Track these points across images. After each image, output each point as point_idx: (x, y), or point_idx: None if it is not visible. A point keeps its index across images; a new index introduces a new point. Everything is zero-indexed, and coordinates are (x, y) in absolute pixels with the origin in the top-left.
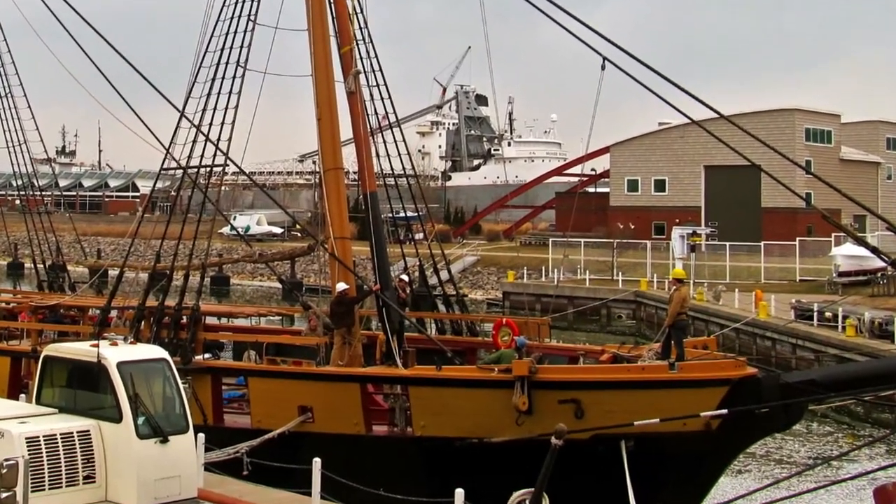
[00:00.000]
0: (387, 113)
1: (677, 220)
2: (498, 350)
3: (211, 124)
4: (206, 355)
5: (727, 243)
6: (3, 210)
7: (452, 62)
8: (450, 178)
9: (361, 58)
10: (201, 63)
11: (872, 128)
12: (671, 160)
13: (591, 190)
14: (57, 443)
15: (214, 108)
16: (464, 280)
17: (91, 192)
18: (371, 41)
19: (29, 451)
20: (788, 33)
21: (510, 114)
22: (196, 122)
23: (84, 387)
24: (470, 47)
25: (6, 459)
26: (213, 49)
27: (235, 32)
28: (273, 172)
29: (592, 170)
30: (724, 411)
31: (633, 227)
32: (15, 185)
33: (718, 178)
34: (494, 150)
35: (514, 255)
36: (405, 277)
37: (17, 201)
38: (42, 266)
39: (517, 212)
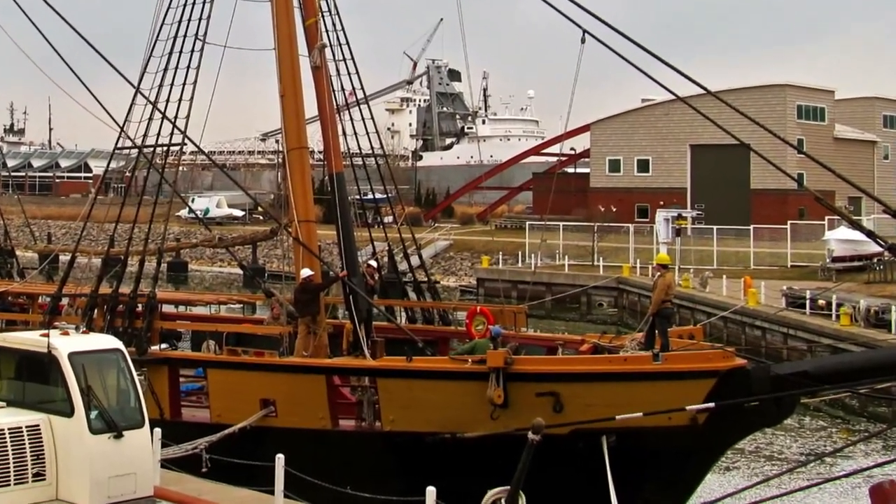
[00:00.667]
0: (354, 89)
1: (662, 203)
2: (472, 340)
3: (168, 101)
4: (163, 345)
5: (714, 227)
6: None
7: (424, 35)
8: (421, 157)
9: (327, 30)
10: (158, 36)
11: (868, 105)
12: (655, 139)
13: (571, 170)
14: (5, 438)
15: (172, 84)
16: (436, 266)
17: (41, 172)
18: (337, 12)
19: None
20: (780, 7)
21: (485, 90)
22: (152, 99)
23: (33, 379)
24: (442, 19)
25: None
26: (171, 21)
27: (194, 3)
28: (234, 152)
29: (572, 149)
30: (712, 405)
31: (614, 209)
32: None
33: (705, 158)
34: (468, 128)
35: (489, 240)
36: (374, 263)
37: None
38: None
39: (492, 193)
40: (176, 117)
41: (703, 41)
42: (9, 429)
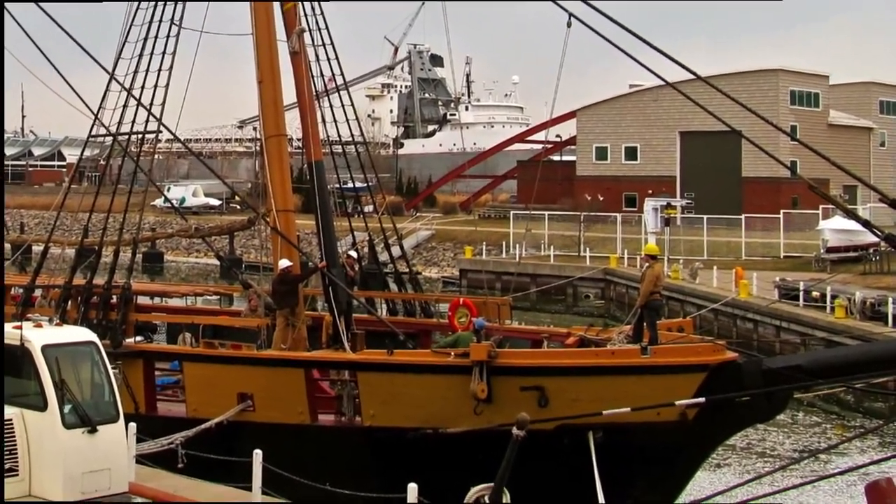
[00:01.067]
0: (333, 75)
1: (650, 192)
2: (454, 333)
3: (143, 87)
4: (138, 338)
5: (705, 216)
6: None
7: (405, 19)
8: (402, 145)
9: (306, 15)
10: (133, 21)
11: (864, 90)
12: (643, 126)
13: (556, 158)
14: None
15: (147, 70)
16: (417, 256)
17: (13, 161)
18: None
19: None
20: None
21: (468, 75)
22: (127, 85)
23: (6, 372)
24: (424, 3)
25: None
26: (146, 6)
27: None
28: (210, 139)
29: (558, 136)
30: (702, 399)
31: (601, 198)
32: None
33: (695, 146)
34: (450, 114)
35: (472, 230)
36: (353, 254)
37: None
38: None
39: (475, 182)
40: (151, 104)
41: (694, 25)
42: None
